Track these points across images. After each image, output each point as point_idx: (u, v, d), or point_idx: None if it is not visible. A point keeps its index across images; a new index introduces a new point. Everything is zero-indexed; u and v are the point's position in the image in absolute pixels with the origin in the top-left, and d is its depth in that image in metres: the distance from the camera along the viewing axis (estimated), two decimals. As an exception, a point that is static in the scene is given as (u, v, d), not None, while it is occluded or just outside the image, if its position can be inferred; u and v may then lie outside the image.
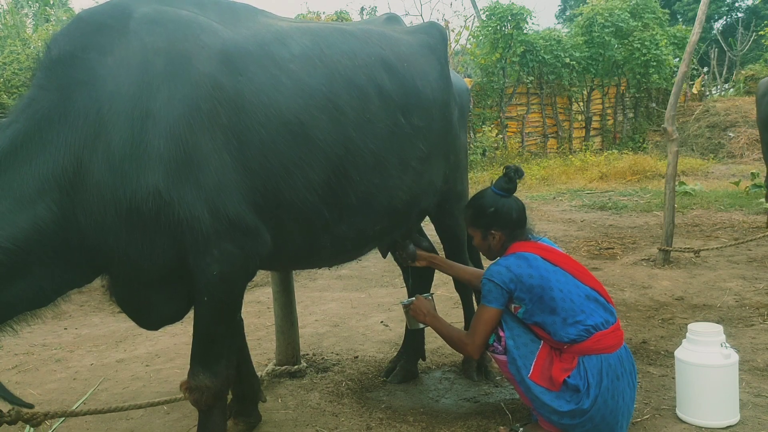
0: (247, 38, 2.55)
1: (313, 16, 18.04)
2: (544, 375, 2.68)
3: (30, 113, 2.21)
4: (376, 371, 3.81)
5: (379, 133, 2.80)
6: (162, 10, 2.46)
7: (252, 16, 2.76)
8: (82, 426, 3.25)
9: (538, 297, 2.67)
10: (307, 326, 4.77)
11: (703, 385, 2.91)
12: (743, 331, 4.15)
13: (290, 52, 2.61)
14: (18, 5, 16.25)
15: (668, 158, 6.12)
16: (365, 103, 2.75)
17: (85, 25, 2.37)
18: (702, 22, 6.15)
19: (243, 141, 2.38)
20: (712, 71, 22.08)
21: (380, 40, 3.03)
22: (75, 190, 2.21)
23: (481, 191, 2.97)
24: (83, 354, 4.49)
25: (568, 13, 31.25)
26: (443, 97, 3.26)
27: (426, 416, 3.17)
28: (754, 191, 9.17)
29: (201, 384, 2.53)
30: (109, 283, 2.50)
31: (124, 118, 2.23)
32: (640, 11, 17.73)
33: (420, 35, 3.35)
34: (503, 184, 2.88)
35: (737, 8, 31.70)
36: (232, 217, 2.36)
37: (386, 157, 2.84)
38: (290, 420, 3.19)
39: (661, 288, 5.28)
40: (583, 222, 8.54)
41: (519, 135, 16.43)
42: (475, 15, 19.82)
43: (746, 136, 15.80)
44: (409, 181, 3.01)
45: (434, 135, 3.17)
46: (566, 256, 2.86)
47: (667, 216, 6.08)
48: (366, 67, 2.81)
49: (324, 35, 2.80)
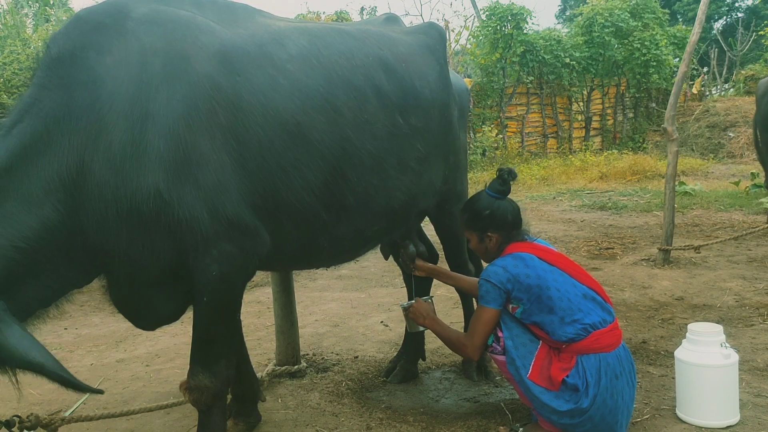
0: (245, 38, 2.55)
1: (313, 16, 18.03)
2: (543, 375, 2.69)
3: (34, 113, 2.20)
4: (376, 371, 3.81)
5: (377, 134, 2.80)
6: (160, 10, 2.45)
7: (250, 16, 2.76)
8: (82, 426, 3.25)
9: (536, 297, 2.68)
10: (307, 326, 4.77)
11: (703, 385, 2.91)
12: (743, 331, 4.15)
13: (288, 53, 2.61)
14: (18, 5, 16.25)
15: (668, 158, 6.12)
16: (363, 104, 2.75)
17: (83, 24, 2.37)
18: (702, 22, 6.15)
19: (241, 141, 2.38)
20: (712, 71, 22.07)
21: (378, 40, 3.02)
22: (78, 190, 2.21)
23: (475, 194, 2.98)
24: (83, 354, 4.49)
25: (568, 13, 31.24)
26: (442, 98, 3.26)
27: (426, 416, 3.17)
28: (754, 191, 9.17)
29: (200, 384, 2.53)
30: (106, 283, 2.50)
31: (124, 119, 2.23)
32: (640, 11, 17.72)
33: (419, 36, 3.34)
34: (497, 186, 2.89)
35: (737, 8, 31.69)
36: (231, 218, 2.36)
37: (384, 157, 2.84)
38: (290, 420, 3.19)
39: (661, 288, 5.28)
40: (583, 222, 8.54)
41: (519, 135, 16.42)
42: (475, 15, 19.82)
43: (746, 136, 15.78)
44: (407, 181, 3.01)
45: (433, 135, 3.16)
46: (562, 256, 2.87)
47: (667, 216, 6.08)
48: (364, 68, 2.81)
49: (321, 36, 2.79)
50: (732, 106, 17.24)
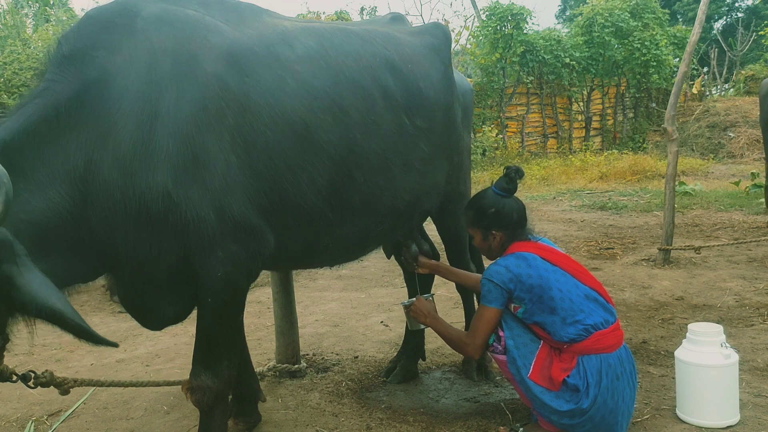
0: (253, 39, 2.55)
1: (313, 16, 18.03)
2: (543, 375, 2.69)
3: (46, 96, 2.19)
4: (376, 371, 3.81)
5: (384, 135, 2.80)
6: (169, 10, 2.45)
7: (257, 15, 2.76)
8: (82, 426, 3.25)
9: (538, 297, 2.68)
10: (307, 326, 4.78)
11: (703, 385, 2.91)
12: (743, 331, 4.15)
13: (295, 53, 2.60)
14: (18, 5, 16.24)
15: (668, 158, 6.13)
16: (370, 105, 2.74)
17: (94, 23, 2.38)
18: (702, 22, 6.15)
19: (249, 142, 2.38)
20: (712, 71, 22.08)
21: (385, 41, 3.02)
22: (84, 184, 2.20)
23: (481, 192, 2.97)
24: (83, 354, 4.48)
25: (568, 13, 31.25)
26: (447, 99, 3.26)
27: (426, 416, 3.17)
28: (754, 191, 9.18)
29: (203, 384, 2.53)
30: (113, 282, 2.50)
31: (133, 118, 2.22)
32: (640, 11, 17.73)
33: (424, 36, 3.34)
34: (504, 184, 2.88)
35: (737, 8, 31.71)
36: (237, 218, 2.36)
37: (390, 158, 2.84)
38: (290, 420, 3.19)
39: (661, 288, 5.28)
40: (583, 222, 8.55)
41: (519, 135, 16.43)
42: (475, 15, 19.82)
43: (746, 136, 15.81)
44: (412, 182, 3.01)
45: (438, 136, 3.16)
46: (565, 256, 2.86)
47: (667, 216, 6.08)
48: (371, 69, 2.81)
49: (329, 36, 2.79)
50: (732, 106, 17.25)
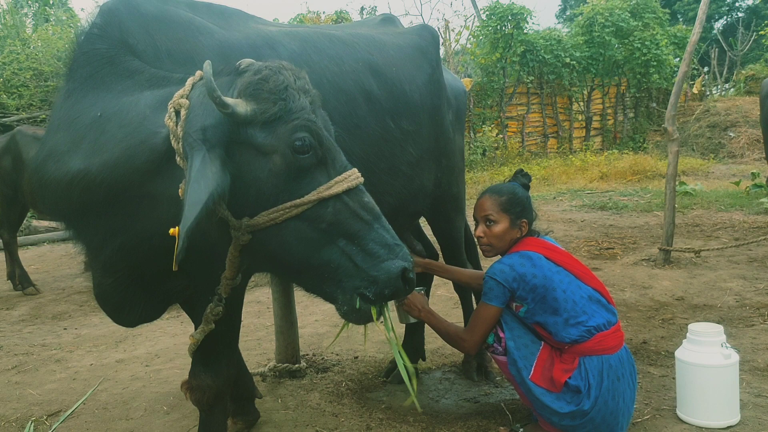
0: (241, 41, 2.56)
1: (313, 16, 18.05)
2: (545, 376, 2.68)
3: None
4: (376, 371, 3.81)
5: (367, 138, 2.80)
6: (165, 9, 2.46)
7: (242, 20, 2.77)
8: (82, 426, 3.25)
9: (541, 297, 2.67)
10: (307, 326, 4.77)
11: (703, 385, 2.90)
12: (744, 331, 4.14)
13: (279, 57, 2.60)
14: (18, 5, 16.24)
15: (668, 158, 6.12)
16: (353, 108, 2.75)
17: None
18: (702, 22, 6.14)
19: None
20: (713, 71, 22.10)
21: (368, 44, 3.02)
22: None
23: (505, 183, 2.97)
24: (83, 354, 4.48)
25: (569, 13, 31.27)
26: (434, 101, 3.24)
27: (426, 416, 3.16)
28: (754, 191, 9.18)
29: (203, 383, 2.53)
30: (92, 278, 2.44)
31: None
32: (640, 11, 17.74)
33: (411, 37, 3.34)
34: (524, 180, 2.96)
35: (737, 8, 31.73)
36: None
37: (375, 162, 2.83)
38: (290, 420, 3.18)
39: (661, 288, 5.28)
40: (584, 222, 8.54)
41: (519, 135, 16.44)
42: (475, 15, 19.84)
43: (747, 135, 15.81)
44: (398, 185, 3.00)
45: (425, 139, 3.15)
46: (570, 256, 2.85)
47: (667, 216, 6.07)
48: (353, 73, 2.82)
49: (312, 40, 2.80)
50: (732, 105, 17.26)
